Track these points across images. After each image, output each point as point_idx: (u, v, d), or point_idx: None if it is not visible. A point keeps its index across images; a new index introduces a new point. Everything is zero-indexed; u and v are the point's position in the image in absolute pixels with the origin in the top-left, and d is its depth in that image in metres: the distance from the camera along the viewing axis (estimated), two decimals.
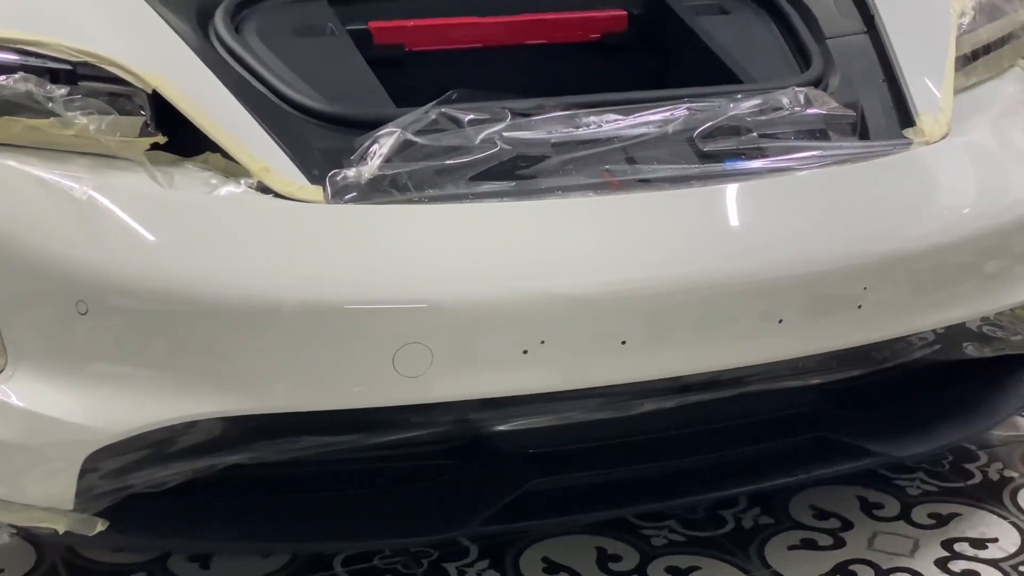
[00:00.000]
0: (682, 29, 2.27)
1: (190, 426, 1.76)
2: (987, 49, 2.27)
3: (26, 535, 1.98)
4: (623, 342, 1.76)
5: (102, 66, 1.76)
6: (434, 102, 1.87)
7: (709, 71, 2.17)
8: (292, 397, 1.72)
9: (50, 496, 1.74)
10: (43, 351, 1.72)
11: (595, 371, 1.79)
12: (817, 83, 2.11)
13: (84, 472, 1.72)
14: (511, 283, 1.72)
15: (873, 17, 2.25)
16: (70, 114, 1.73)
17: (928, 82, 2.14)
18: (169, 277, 1.68)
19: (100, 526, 1.75)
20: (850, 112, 2.05)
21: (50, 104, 1.72)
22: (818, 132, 2.02)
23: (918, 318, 1.97)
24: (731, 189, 1.89)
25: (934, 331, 2.10)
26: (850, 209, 1.93)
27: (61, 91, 1.73)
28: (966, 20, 2.23)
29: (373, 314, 1.68)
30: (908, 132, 2.07)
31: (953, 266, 1.96)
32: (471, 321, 1.70)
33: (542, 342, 1.73)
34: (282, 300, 1.66)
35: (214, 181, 1.76)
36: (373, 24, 2.17)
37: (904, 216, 1.96)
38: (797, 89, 2.03)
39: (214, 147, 1.79)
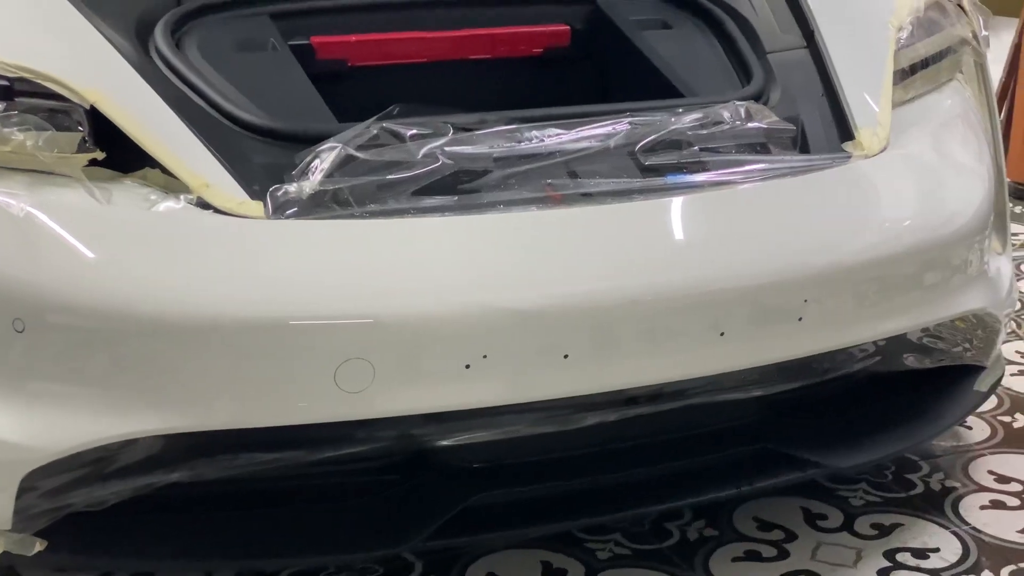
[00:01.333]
0: (624, 43, 2.28)
1: (130, 444, 1.74)
2: (925, 63, 2.29)
3: None
4: (566, 356, 1.77)
5: (39, 82, 1.75)
6: (375, 117, 1.87)
7: (651, 85, 2.19)
8: (234, 414, 1.71)
9: None
10: None
11: (538, 385, 1.79)
12: (758, 97, 2.12)
13: (22, 491, 1.70)
14: (453, 297, 1.72)
15: (813, 32, 2.26)
16: (6, 130, 1.71)
17: (867, 96, 2.16)
18: (108, 294, 1.67)
19: (39, 546, 1.73)
20: (790, 126, 2.07)
21: None
22: (759, 146, 2.03)
23: (859, 330, 1.99)
24: (672, 203, 1.90)
25: (875, 343, 2.12)
26: (790, 222, 1.94)
27: None
28: (904, 35, 2.25)
29: (314, 330, 1.67)
30: (847, 146, 2.09)
31: (893, 278, 1.98)
32: (413, 336, 1.70)
33: (484, 356, 1.73)
34: (222, 316, 1.65)
35: (153, 197, 1.75)
36: (316, 39, 2.16)
37: (844, 229, 1.97)
38: (738, 103, 2.05)
39: (153, 163, 1.77)
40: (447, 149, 1.85)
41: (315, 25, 2.19)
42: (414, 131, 1.87)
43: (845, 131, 2.11)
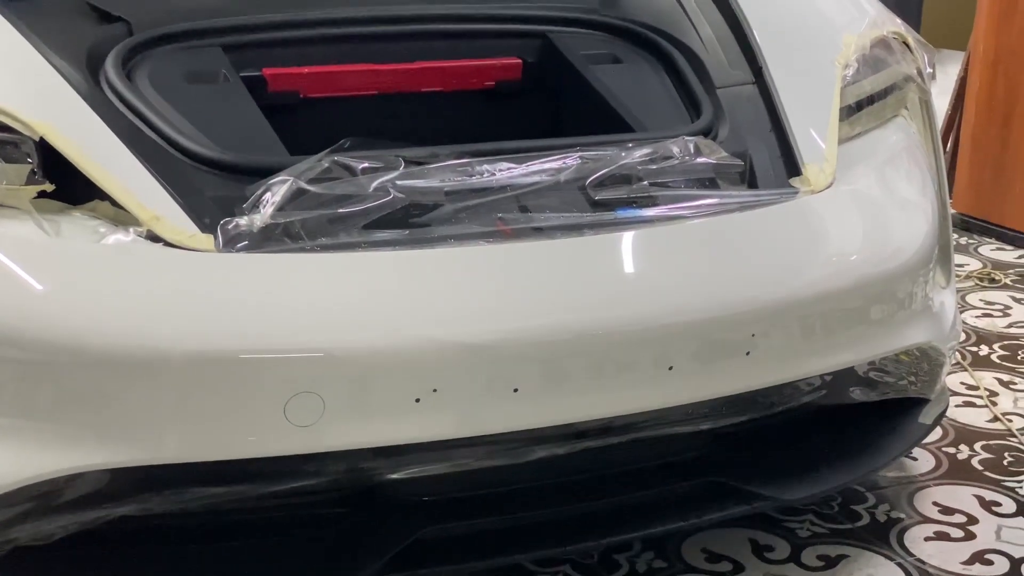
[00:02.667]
0: (575, 77, 2.30)
1: (76, 478, 1.73)
2: (871, 100, 2.32)
3: None
4: (515, 389, 1.78)
5: None
6: (327, 150, 1.88)
7: (602, 119, 2.20)
8: (183, 447, 1.70)
9: None
10: None
11: (488, 419, 1.80)
12: (707, 132, 2.14)
13: None
14: (403, 331, 1.73)
15: (761, 68, 2.29)
16: None
17: (814, 132, 2.19)
18: (55, 326, 1.66)
19: None
20: (738, 161, 2.09)
21: None
22: (708, 181, 2.05)
23: (806, 363, 2.01)
24: (622, 237, 1.91)
25: (822, 376, 2.14)
26: (738, 257, 1.96)
27: None
28: (850, 72, 2.28)
29: (264, 363, 1.67)
30: (794, 181, 2.11)
31: (839, 312, 2.00)
32: (363, 370, 1.70)
33: (435, 390, 1.73)
34: (171, 350, 1.65)
35: (102, 230, 1.74)
36: (267, 71, 2.17)
37: (791, 264, 2.00)
38: (687, 138, 2.07)
39: (103, 195, 1.77)
40: (398, 183, 1.85)
41: (267, 57, 2.19)
42: (365, 164, 1.87)
43: (792, 167, 2.14)
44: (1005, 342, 3.21)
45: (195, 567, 1.87)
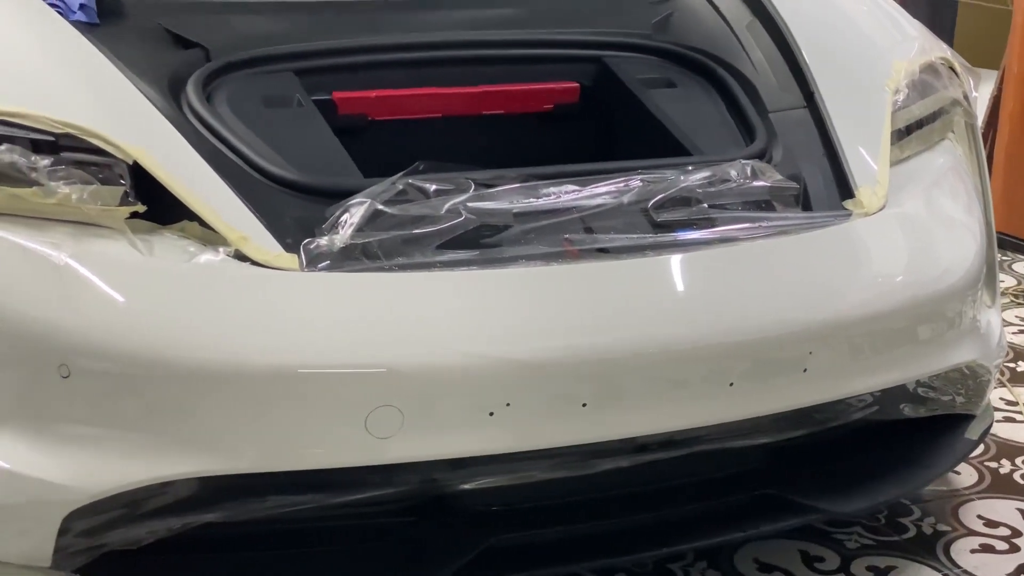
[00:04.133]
0: (631, 101, 2.37)
1: (164, 486, 1.80)
2: (920, 124, 2.39)
3: None
4: (584, 404, 1.85)
5: (84, 137, 1.82)
6: (402, 173, 1.95)
7: (657, 142, 2.27)
8: (265, 458, 1.78)
9: (28, 554, 1.78)
10: (23, 413, 1.77)
11: (557, 432, 1.87)
12: (762, 155, 2.21)
13: (62, 531, 1.77)
14: (478, 348, 1.80)
15: (813, 93, 2.36)
16: (53, 183, 1.79)
17: (865, 155, 2.26)
18: (148, 342, 1.74)
19: None
20: (794, 184, 2.16)
21: (33, 174, 1.78)
22: (764, 203, 2.12)
23: (859, 381, 2.08)
24: (683, 258, 1.99)
25: (872, 393, 2.20)
26: (795, 277, 2.03)
27: (44, 161, 1.79)
28: (900, 97, 2.35)
29: (347, 378, 1.75)
30: (848, 204, 2.18)
31: (891, 332, 2.07)
32: (440, 385, 1.78)
33: (507, 405, 1.81)
34: (260, 364, 1.72)
35: (192, 249, 1.82)
36: (337, 94, 2.24)
37: (846, 284, 2.06)
38: (744, 162, 2.14)
39: (191, 215, 1.85)
40: (469, 204, 1.93)
41: (336, 81, 2.26)
42: (437, 187, 1.95)
43: (845, 189, 2.21)
44: None
45: (272, 573, 1.94)
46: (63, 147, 1.82)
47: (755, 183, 2.12)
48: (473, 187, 1.96)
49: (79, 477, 1.76)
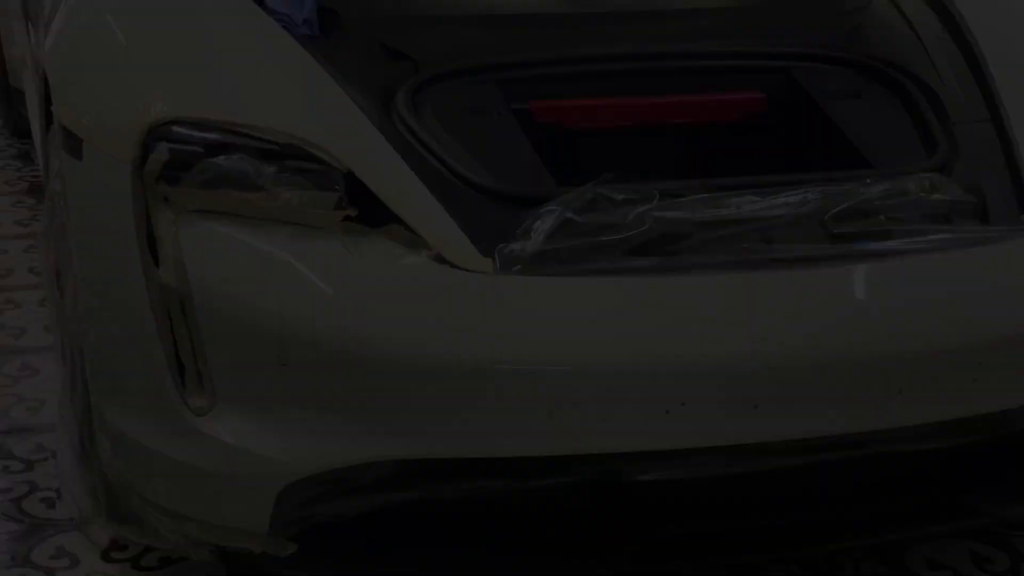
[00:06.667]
0: (817, 112, 2.44)
1: (368, 466, 1.98)
2: None
3: (220, 555, 2.21)
4: (755, 406, 1.96)
5: (306, 148, 2.01)
6: (592, 183, 2.08)
7: (840, 153, 2.34)
8: (460, 445, 1.94)
9: (249, 520, 1.99)
10: (248, 395, 1.98)
11: (728, 431, 1.99)
12: (942, 168, 2.26)
13: (277, 501, 1.97)
14: (659, 349, 1.93)
15: (999, 107, 2.40)
16: (277, 189, 1.98)
17: None
18: (356, 336, 1.92)
19: (290, 548, 2.00)
20: (972, 198, 2.21)
21: (260, 180, 1.98)
22: (942, 216, 2.18)
23: None
24: (860, 269, 2.07)
25: None
26: (971, 290, 2.10)
27: (270, 169, 1.98)
28: None
29: (537, 373, 1.91)
30: None
31: None
32: (622, 383, 1.92)
33: (683, 404, 1.93)
34: (458, 359, 1.89)
35: (397, 251, 1.99)
36: (534, 103, 2.38)
37: (1020, 298, 2.11)
38: (924, 175, 2.19)
39: (397, 219, 2.01)
40: (654, 214, 2.05)
41: (533, 91, 2.40)
42: (624, 196, 2.07)
43: None
44: None
45: (454, 551, 2.11)
46: (287, 156, 2.01)
47: (934, 196, 2.17)
48: (658, 197, 2.08)
49: (295, 455, 1.96)
